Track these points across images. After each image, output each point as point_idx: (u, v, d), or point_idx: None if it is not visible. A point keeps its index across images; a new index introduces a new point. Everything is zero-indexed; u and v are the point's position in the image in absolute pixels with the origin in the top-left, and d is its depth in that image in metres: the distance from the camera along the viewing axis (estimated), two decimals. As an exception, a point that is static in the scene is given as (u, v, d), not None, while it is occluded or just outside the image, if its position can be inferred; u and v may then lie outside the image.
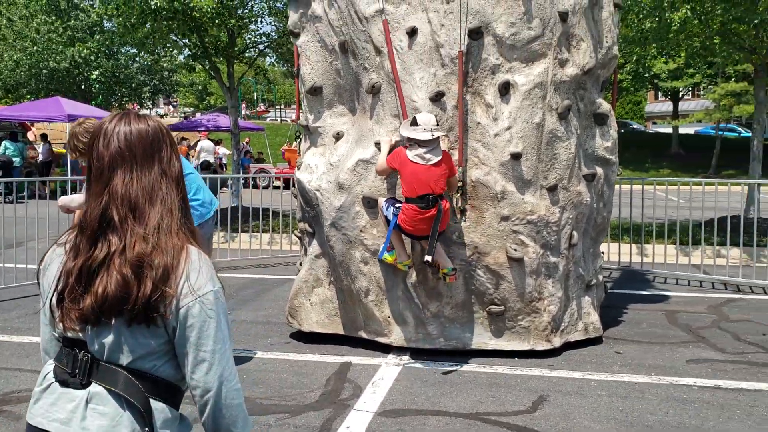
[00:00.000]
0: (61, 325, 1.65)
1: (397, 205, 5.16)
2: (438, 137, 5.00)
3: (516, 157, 5.25)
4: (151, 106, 37.08)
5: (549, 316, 5.46)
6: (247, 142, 26.16)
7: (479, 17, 5.21)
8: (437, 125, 5.02)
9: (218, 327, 1.65)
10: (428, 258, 4.96)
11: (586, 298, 5.94)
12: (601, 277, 6.38)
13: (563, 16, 5.39)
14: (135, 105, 29.21)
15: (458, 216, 5.32)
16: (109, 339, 1.62)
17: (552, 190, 5.43)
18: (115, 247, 1.61)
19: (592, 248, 6.16)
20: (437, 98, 5.26)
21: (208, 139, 25.51)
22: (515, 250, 5.28)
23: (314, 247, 5.95)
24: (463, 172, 5.27)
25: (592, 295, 6.04)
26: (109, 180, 1.65)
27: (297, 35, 6.03)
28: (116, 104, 26.31)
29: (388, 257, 5.25)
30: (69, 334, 1.66)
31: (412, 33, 5.28)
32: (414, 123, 4.98)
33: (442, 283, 5.36)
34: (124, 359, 1.62)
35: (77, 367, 1.64)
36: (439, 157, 4.97)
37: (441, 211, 4.95)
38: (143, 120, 1.73)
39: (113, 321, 1.61)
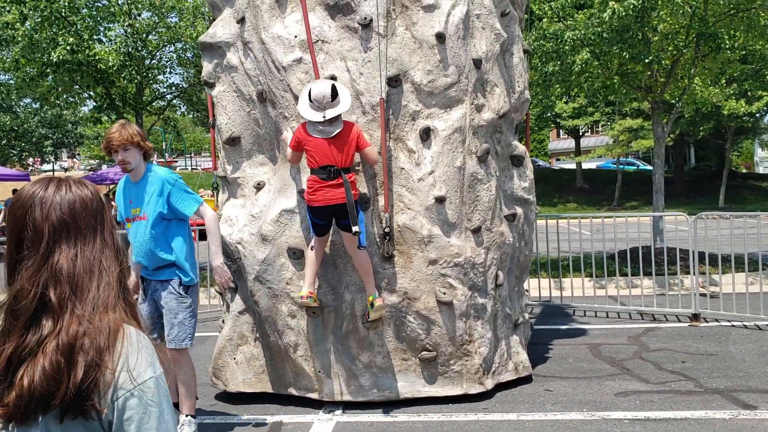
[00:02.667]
0: None
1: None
2: (340, 120, 4.93)
3: (440, 200, 5.27)
4: (53, 159, 35.56)
5: (480, 358, 5.44)
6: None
7: (397, 65, 5.27)
8: (334, 97, 4.88)
9: (160, 419, 1.46)
10: (355, 228, 4.87)
11: (515, 337, 5.98)
12: (526, 315, 6.45)
13: (477, 63, 5.53)
14: (37, 160, 27.95)
15: (387, 263, 5.27)
16: None
17: (476, 231, 5.48)
18: (49, 331, 1.41)
19: (516, 287, 6.23)
20: (359, 145, 5.24)
21: (111, 193, 24.65)
22: (444, 293, 5.26)
23: (237, 303, 5.73)
24: (389, 217, 5.24)
25: (520, 333, 6.09)
26: (49, 255, 1.46)
27: (212, 85, 5.90)
28: (16, 160, 25.09)
29: (312, 297, 5.09)
30: None
31: (331, 81, 5.26)
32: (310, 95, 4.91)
33: (372, 333, 5.27)
34: None
35: None
36: (339, 129, 4.91)
37: (347, 182, 4.88)
38: (84, 186, 1.56)
39: (41, 417, 1.40)
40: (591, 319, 8.47)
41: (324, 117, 4.86)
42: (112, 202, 21.73)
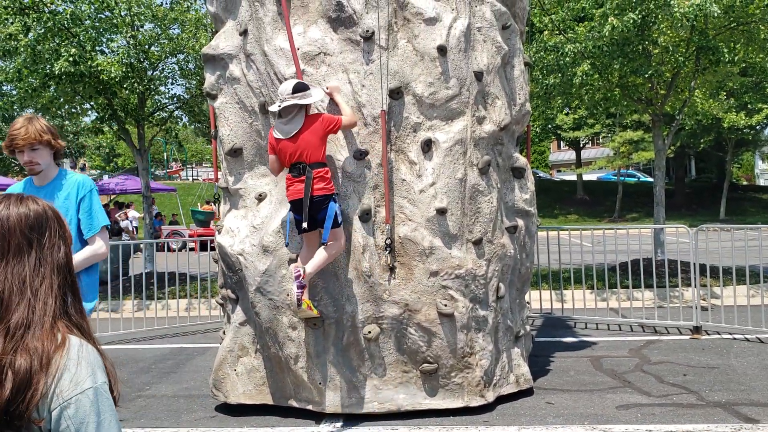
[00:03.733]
0: None
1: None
2: (290, 105, 4.92)
3: (441, 212, 5.28)
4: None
5: (481, 370, 5.43)
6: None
7: (399, 77, 5.29)
8: (296, 91, 4.91)
9: (99, 428, 1.44)
10: (304, 225, 4.93)
11: (516, 349, 5.97)
12: (528, 327, 6.44)
13: (478, 76, 5.55)
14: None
15: (388, 274, 5.27)
16: None
17: (477, 243, 5.48)
18: None
19: (518, 299, 6.23)
20: (361, 156, 5.26)
21: (117, 202, 24.68)
22: (445, 305, 5.26)
23: (238, 314, 5.73)
24: (390, 229, 5.25)
25: (521, 345, 6.08)
26: None
27: (214, 97, 5.93)
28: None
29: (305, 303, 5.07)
30: None
31: (333, 93, 5.29)
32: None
33: (373, 345, 5.26)
34: None
35: None
36: (299, 127, 4.95)
37: (310, 178, 4.90)
38: (25, 203, 1.56)
39: None
40: (592, 332, 8.45)
41: (279, 106, 4.94)
42: (119, 215, 21.75)
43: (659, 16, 9.86)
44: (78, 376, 1.45)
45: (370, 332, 5.23)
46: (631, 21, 9.53)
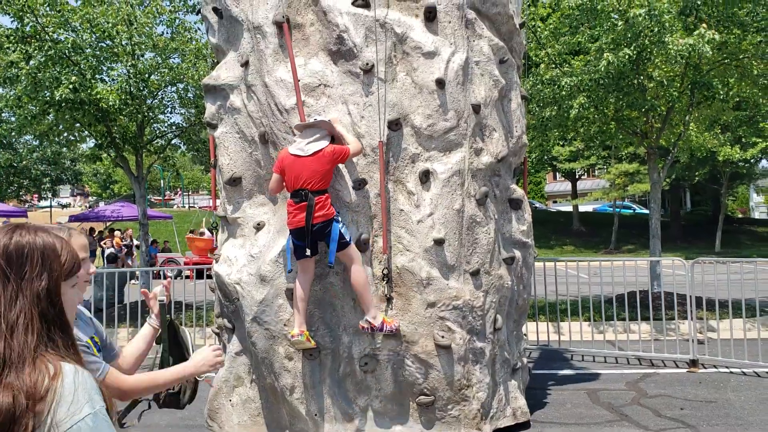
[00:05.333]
0: None
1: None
2: (319, 122, 5.06)
3: (439, 242, 5.29)
4: (51, 196, 35.60)
5: (478, 403, 5.39)
6: (129, 236, 24.63)
7: (397, 109, 5.34)
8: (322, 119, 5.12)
9: None
10: (307, 252, 4.97)
11: (513, 381, 5.94)
12: (525, 360, 6.41)
13: (476, 108, 5.61)
14: (34, 196, 28.00)
15: (384, 305, 5.26)
16: None
17: (475, 274, 5.49)
18: None
19: (515, 331, 6.21)
20: (359, 186, 5.29)
21: (112, 229, 24.63)
22: (443, 336, 5.24)
23: (234, 344, 5.70)
24: (388, 259, 5.25)
25: (518, 378, 6.05)
26: None
27: (214, 126, 5.97)
28: (13, 196, 25.14)
29: (303, 335, 5.06)
30: None
31: (332, 124, 5.33)
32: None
33: (370, 376, 5.23)
34: None
35: None
36: (319, 149, 4.99)
37: (312, 206, 4.93)
38: (8, 234, 1.57)
39: None
40: (589, 364, 8.41)
41: (315, 119, 5.08)
42: (111, 238, 21.70)
43: (654, 52, 10.00)
44: (75, 405, 1.45)
45: (366, 363, 5.21)
46: (627, 56, 9.66)
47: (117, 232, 23.59)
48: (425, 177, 5.38)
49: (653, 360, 8.41)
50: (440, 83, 5.37)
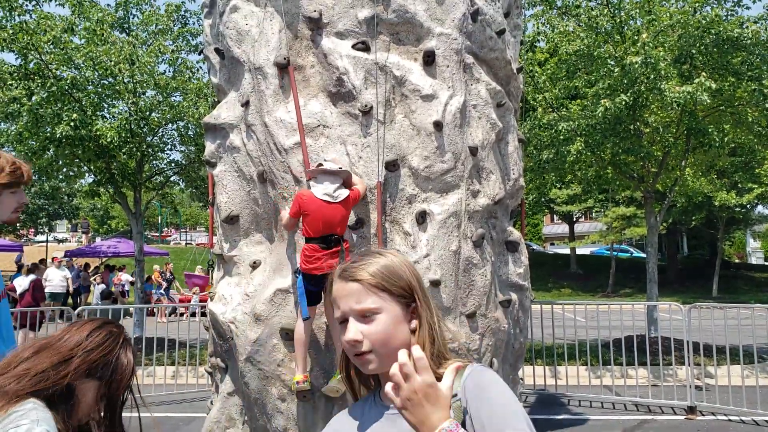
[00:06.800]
0: None
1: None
2: (344, 171, 5.05)
3: (435, 284, 5.27)
4: (47, 231, 35.53)
5: (473, 448, 5.30)
6: (169, 270, 24.00)
7: (395, 150, 5.38)
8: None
9: None
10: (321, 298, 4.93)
11: (509, 426, 5.85)
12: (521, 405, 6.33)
13: (473, 151, 5.65)
14: (30, 230, 27.94)
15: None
16: None
17: (471, 317, 5.45)
18: None
19: (511, 375, 6.15)
20: (357, 226, 5.29)
21: (108, 265, 24.54)
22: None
23: (227, 384, 5.63)
24: (383, 301, 5.22)
25: (514, 423, 5.96)
26: None
27: (213, 165, 6.00)
28: (10, 230, 25.09)
29: (307, 381, 5.00)
30: None
31: (330, 164, 5.35)
32: (320, 165, 5.07)
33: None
34: None
35: None
36: (346, 195, 4.99)
37: (343, 251, 4.92)
38: None
39: None
40: (586, 409, 8.31)
41: (340, 168, 5.03)
42: (106, 274, 21.60)
43: (650, 98, 10.13)
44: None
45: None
46: (623, 102, 9.79)
47: (156, 267, 23.34)
48: (422, 218, 5.39)
49: (650, 406, 8.31)
50: (438, 125, 5.42)
